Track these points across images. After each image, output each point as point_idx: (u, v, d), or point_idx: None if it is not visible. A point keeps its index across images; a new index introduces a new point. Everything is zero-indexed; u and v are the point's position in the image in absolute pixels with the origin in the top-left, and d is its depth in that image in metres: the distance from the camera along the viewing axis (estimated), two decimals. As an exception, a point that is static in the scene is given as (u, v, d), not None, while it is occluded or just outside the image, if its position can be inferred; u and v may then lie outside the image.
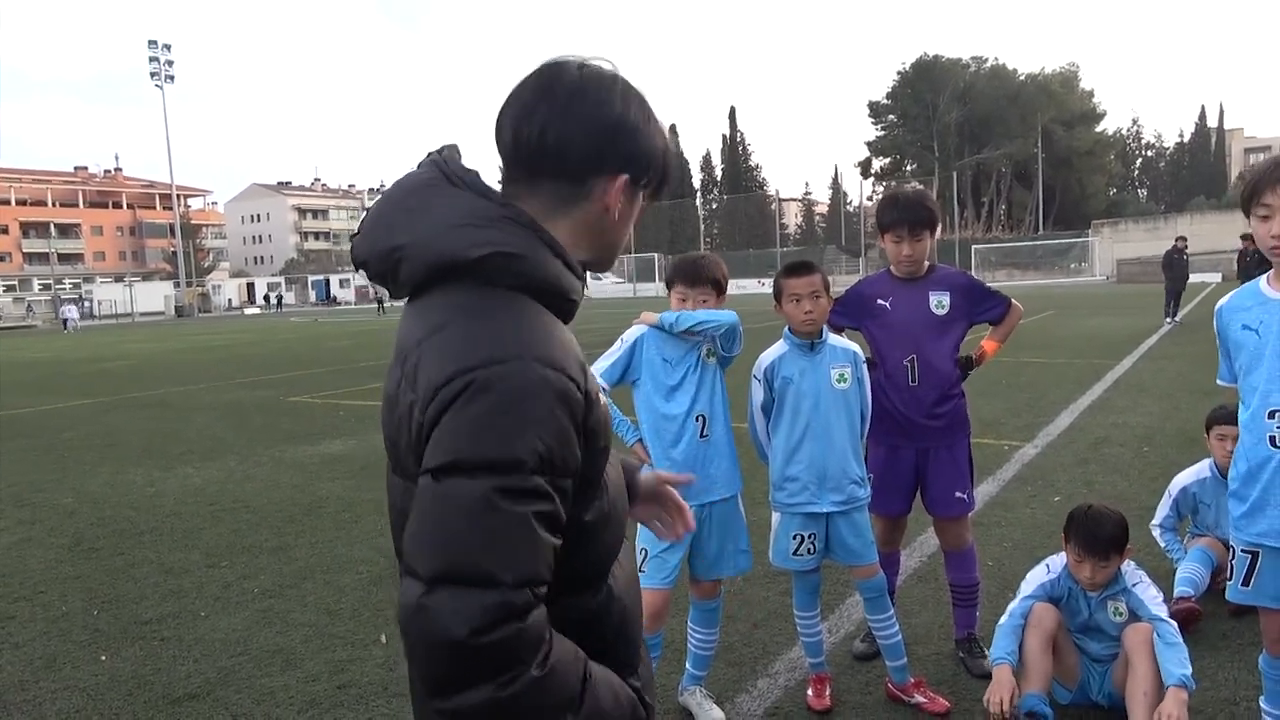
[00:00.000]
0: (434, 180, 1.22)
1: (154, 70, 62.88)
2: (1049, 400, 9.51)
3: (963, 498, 3.53)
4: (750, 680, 3.52)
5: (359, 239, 1.26)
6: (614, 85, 1.25)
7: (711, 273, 3.14)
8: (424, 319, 1.18)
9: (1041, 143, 76.54)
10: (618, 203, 1.26)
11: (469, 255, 1.15)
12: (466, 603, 1.00)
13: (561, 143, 1.20)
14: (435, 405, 1.08)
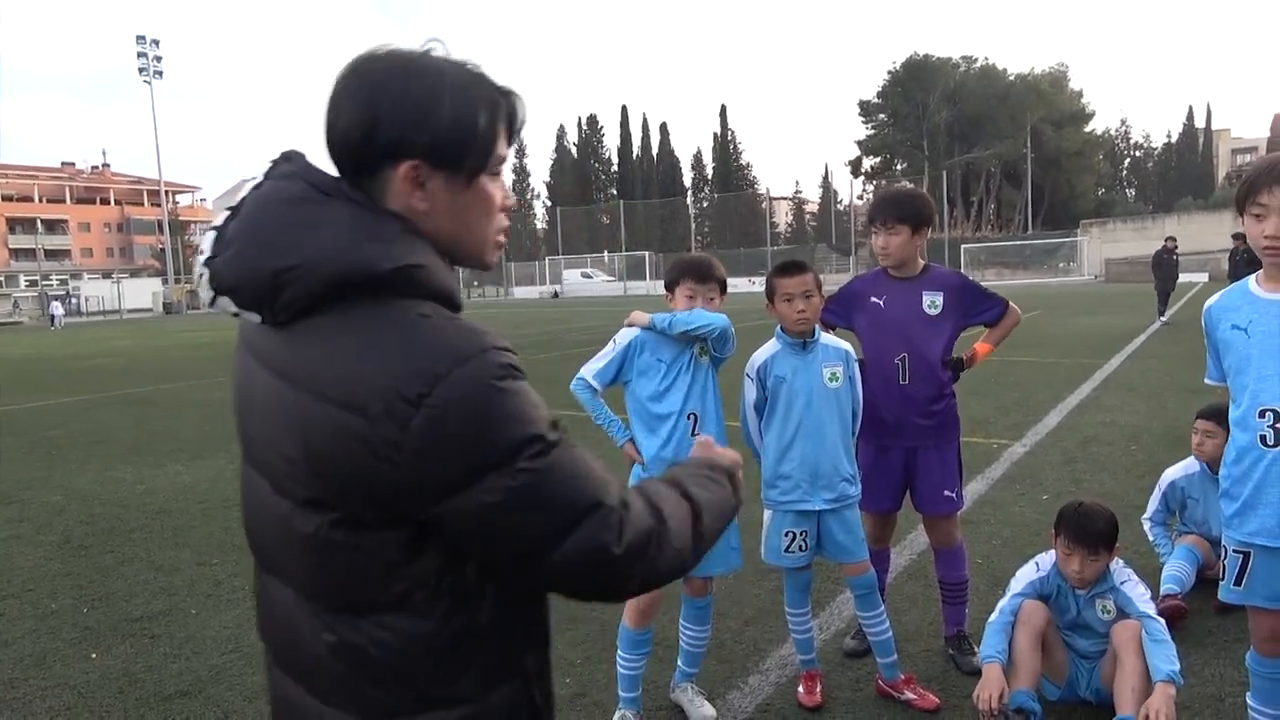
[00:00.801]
0: (304, 194, 1.15)
1: (142, 66, 62.53)
2: (1038, 399, 9.56)
3: (951, 496, 3.55)
4: (741, 677, 3.54)
5: (220, 263, 1.16)
6: (390, 64, 1.15)
7: (719, 272, 3.16)
8: (336, 339, 1.11)
9: (1031, 142, 76.83)
10: (413, 194, 1.16)
11: (380, 269, 1.11)
12: (596, 530, 1.10)
13: (345, 133, 1.15)
14: (423, 418, 1.04)
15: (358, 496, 1.09)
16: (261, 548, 1.25)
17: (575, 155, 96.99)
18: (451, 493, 1.06)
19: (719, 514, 1.30)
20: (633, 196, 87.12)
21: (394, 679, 1.15)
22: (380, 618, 1.14)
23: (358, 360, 1.08)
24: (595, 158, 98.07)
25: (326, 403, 1.08)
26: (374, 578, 1.12)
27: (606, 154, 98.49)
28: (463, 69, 1.18)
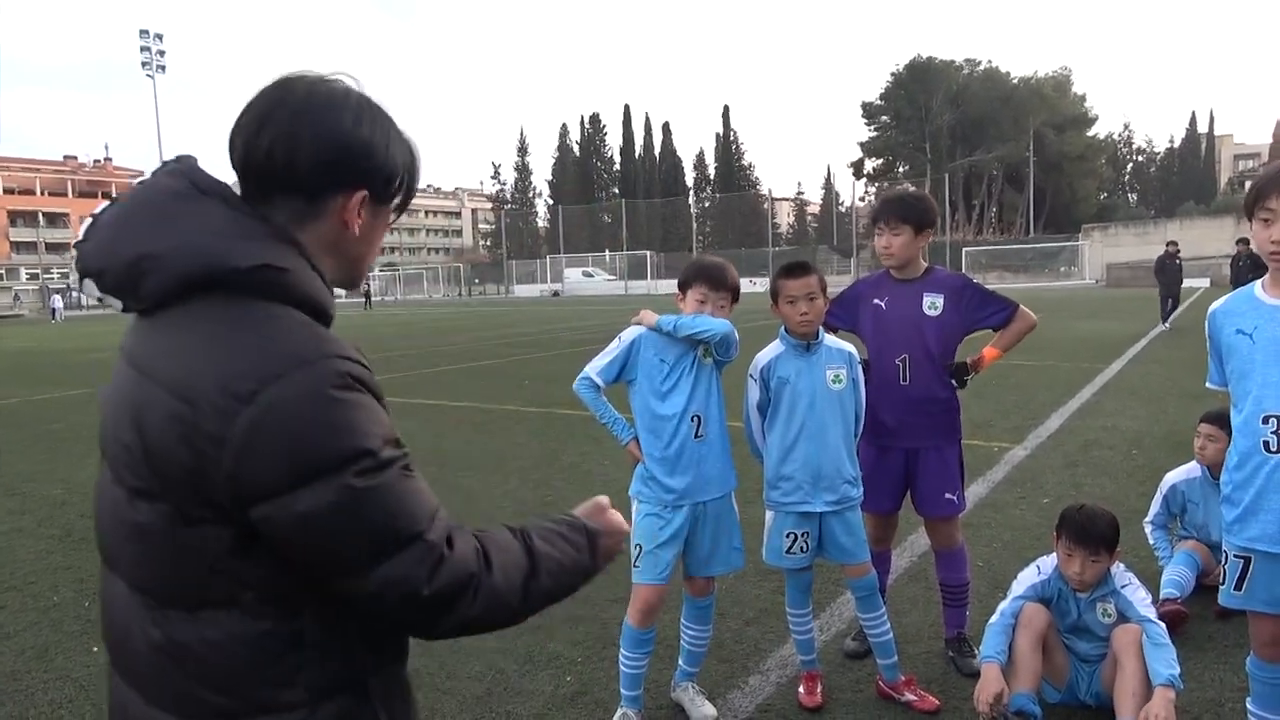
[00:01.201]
0: (183, 190, 1.17)
1: (145, 60, 62.45)
2: (1039, 402, 9.57)
3: (952, 499, 3.56)
4: (742, 677, 3.54)
5: (89, 246, 1.18)
6: (345, 100, 1.22)
7: (733, 280, 3.16)
8: (184, 331, 1.12)
9: (1033, 146, 76.77)
10: (356, 219, 1.23)
11: (237, 265, 1.12)
12: (408, 566, 1.09)
13: (290, 159, 1.18)
14: (248, 417, 1.04)
15: (184, 489, 1.09)
16: (102, 541, 1.25)
17: (577, 154, 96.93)
18: (270, 495, 1.05)
19: (563, 576, 1.27)
20: (635, 196, 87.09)
21: (220, 680, 1.14)
22: (208, 615, 1.13)
23: (197, 352, 1.10)
24: (598, 156, 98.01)
25: (162, 390, 1.10)
26: (201, 574, 1.12)
27: (609, 153, 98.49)
28: (385, 110, 1.28)
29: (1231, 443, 2.61)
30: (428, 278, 78.48)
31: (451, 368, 15.82)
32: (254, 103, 1.21)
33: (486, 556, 1.17)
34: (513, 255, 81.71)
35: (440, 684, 3.55)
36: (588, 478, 6.95)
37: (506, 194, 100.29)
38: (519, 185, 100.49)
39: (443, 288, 76.97)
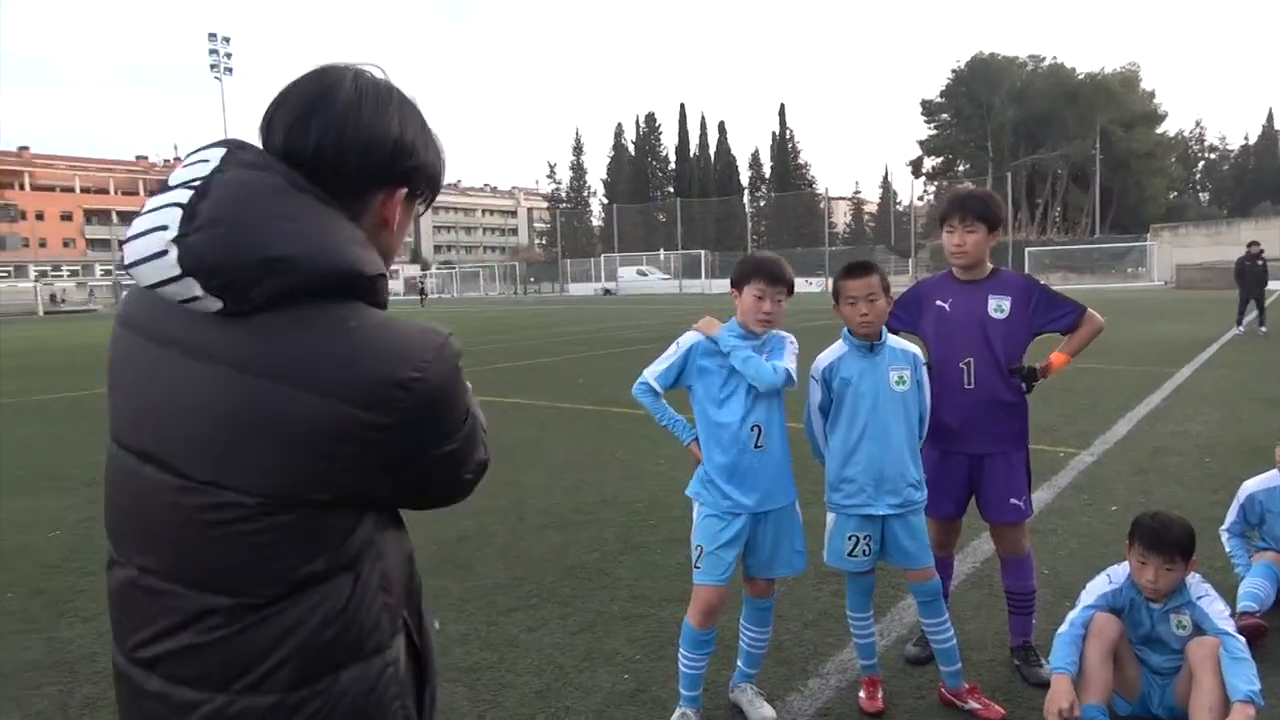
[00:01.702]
0: (283, 186, 1.16)
1: (214, 63, 64.21)
2: (1105, 407, 9.33)
3: (1019, 505, 3.48)
4: (801, 680, 3.52)
5: (197, 241, 1.10)
6: (389, 99, 1.25)
7: (790, 274, 3.11)
8: (302, 330, 1.13)
9: (1100, 144, 74.86)
10: (395, 215, 1.28)
11: (367, 272, 1.18)
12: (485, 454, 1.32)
13: (339, 158, 1.20)
14: (414, 399, 1.14)
15: (316, 482, 1.12)
16: (129, 533, 1.22)
17: (633, 153, 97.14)
18: (415, 460, 1.19)
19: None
20: (689, 195, 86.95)
21: (319, 646, 1.17)
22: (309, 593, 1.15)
23: (343, 352, 1.13)
24: (653, 155, 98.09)
25: (305, 391, 1.10)
26: (302, 561, 1.14)
27: (664, 152, 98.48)
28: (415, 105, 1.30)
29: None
30: (484, 276, 79.39)
31: (507, 365, 15.96)
32: (294, 92, 1.21)
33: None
34: (568, 254, 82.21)
35: (500, 677, 3.59)
36: (643, 475, 6.97)
37: (562, 193, 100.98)
38: (574, 184, 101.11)
39: (498, 286, 77.76)
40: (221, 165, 1.16)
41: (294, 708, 1.17)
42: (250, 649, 1.16)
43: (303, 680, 1.18)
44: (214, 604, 1.16)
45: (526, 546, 5.26)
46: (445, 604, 4.34)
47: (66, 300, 61.47)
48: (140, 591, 1.21)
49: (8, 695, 3.56)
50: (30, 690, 3.61)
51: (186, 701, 1.18)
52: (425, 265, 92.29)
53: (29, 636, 4.14)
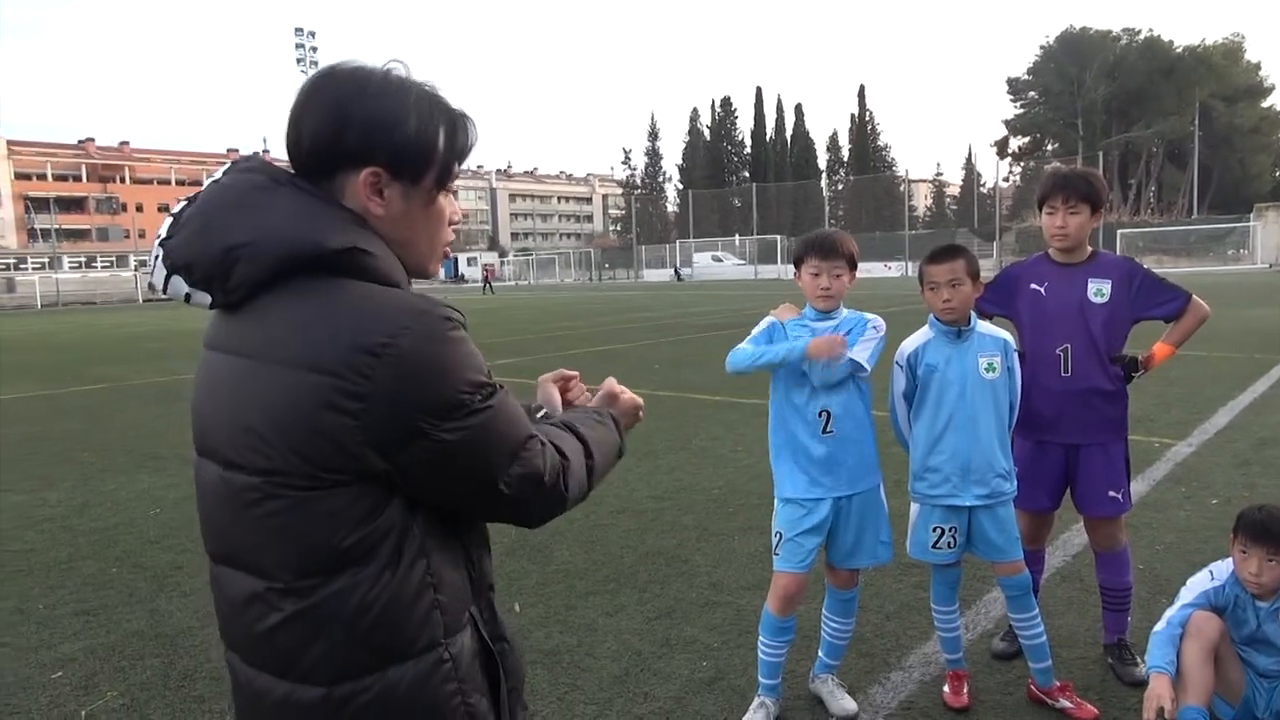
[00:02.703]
0: (262, 183, 1.22)
1: (299, 57, 65.99)
2: (1205, 396, 8.91)
3: (1117, 497, 3.34)
4: (883, 672, 3.45)
5: (176, 242, 1.22)
6: (354, 77, 1.23)
7: (847, 246, 3.02)
8: (290, 312, 1.16)
9: (1199, 120, 71.38)
10: (370, 198, 1.23)
11: (330, 246, 1.16)
12: (531, 461, 1.24)
13: (299, 141, 1.22)
14: (385, 366, 1.11)
15: (324, 456, 1.13)
16: (214, 537, 1.28)
17: (708, 138, 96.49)
18: (417, 436, 1.13)
19: (606, 453, 1.43)
20: (765, 179, 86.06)
21: (366, 636, 1.19)
22: (347, 576, 1.17)
23: (318, 324, 1.14)
24: (728, 140, 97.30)
25: (286, 369, 1.13)
26: (338, 536, 1.16)
27: (740, 136, 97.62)
28: (424, 89, 1.26)
29: None
30: (559, 263, 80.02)
31: (582, 351, 16.07)
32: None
33: (559, 448, 1.30)
34: (642, 240, 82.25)
35: (579, 661, 3.62)
36: (720, 461, 6.93)
37: (637, 179, 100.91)
38: (649, 170, 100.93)
39: (574, 272, 78.31)
40: (221, 175, 1.27)
41: (343, 701, 1.20)
42: (292, 637, 1.20)
43: (345, 673, 1.20)
44: (252, 588, 1.22)
45: (603, 532, 5.28)
46: (525, 587, 4.40)
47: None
48: (213, 578, 1.32)
49: (114, 665, 3.74)
50: (134, 660, 3.78)
51: (259, 689, 1.25)
52: (503, 253, 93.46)
53: (132, 609, 4.34)
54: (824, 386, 2.97)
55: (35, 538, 5.57)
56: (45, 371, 15.61)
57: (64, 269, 72.72)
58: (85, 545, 5.37)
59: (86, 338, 24.80)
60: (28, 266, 73.96)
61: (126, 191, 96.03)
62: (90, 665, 3.74)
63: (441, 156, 1.26)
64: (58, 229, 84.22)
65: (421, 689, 1.21)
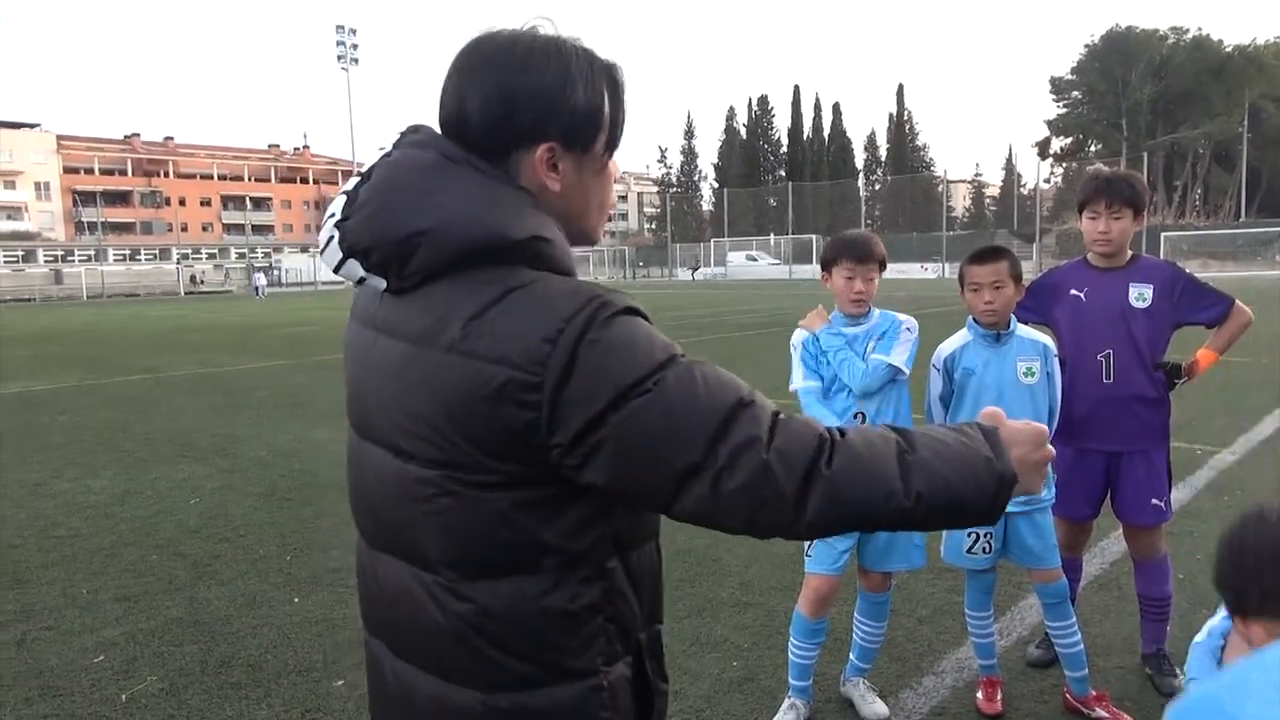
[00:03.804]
0: (436, 162, 1.16)
1: (340, 53, 66.70)
2: (1251, 404, 8.72)
3: (1159, 505, 3.29)
4: (915, 677, 3.43)
5: (352, 225, 1.16)
6: (511, 49, 1.16)
7: (879, 249, 3.02)
8: (467, 300, 1.10)
9: (1248, 121, 69.74)
10: (549, 175, 1.17)
11: (513, 236, 1.11)
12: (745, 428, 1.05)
13: (470, 120, 1.15)
14: (560, 353, 1.04)
15: (498, 451, 1.08)
16: (374, 525, 1.25)
17: (744, 136, 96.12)
18: (596, 425, 1.04)
19: (948, 455, 1.06)
20: (802, 178, 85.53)
21: (525, 647, 1.14)
22: (512, 581, 1.13)
23: (495, 314, 1.08)
24: (765, 139, 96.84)
25: (466, 357, 1.08)
26: (505, 539, 1.11)
27: (776, 135, 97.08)
28: (581, 50, 1.19)
29: None
30: (593, 260, 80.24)
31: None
32: (453, 61, 1.20)
33: (835, 430, 1.08)
34: (677, 238, 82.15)
35: (608, 659, 3.63)
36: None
37: (672, 177, 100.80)
38: (685, 169, 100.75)
39: (607, 270, 78.45)
40: (391, 148, 1.22)
41: (501, 712, 1.16)
42: (450, 637, 1.17)
43: (504, 684, 1.16)
44: (413, 580, 1.19)
45: (635, 529, 5.28)
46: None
47: (205, 281, 65.26)
48: (364, 565, 1.30)
49: (154, 650, 3.82)
50: (173, 647, 3.85)
51: (408, 683, 1.23)
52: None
53: (171, 596, 4.42)
54: (864, 394, 2.95)
55: (80, 524, 5.70)
56: (91, 362, 15.95)
57: (109, 262, 74.26)
58: (127, 533, 5.49)
59: (131, 329, 25.30)
60: (74, 259, 75.58)
61: (170, 186, 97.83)
62: (130, 650, 3.82)
63: (610, 119, 1.21)
64: (104, 222, 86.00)
65: (578, 713, 1.16)
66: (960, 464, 1.06)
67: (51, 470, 7.23)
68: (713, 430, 1.04)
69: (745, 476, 1.03)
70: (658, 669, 1.27)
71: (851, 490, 1.04)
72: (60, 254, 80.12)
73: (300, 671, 3.60)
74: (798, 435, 1.05)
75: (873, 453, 1.05)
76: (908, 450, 1.06)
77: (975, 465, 1.06)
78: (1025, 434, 1.11)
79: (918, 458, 1.06)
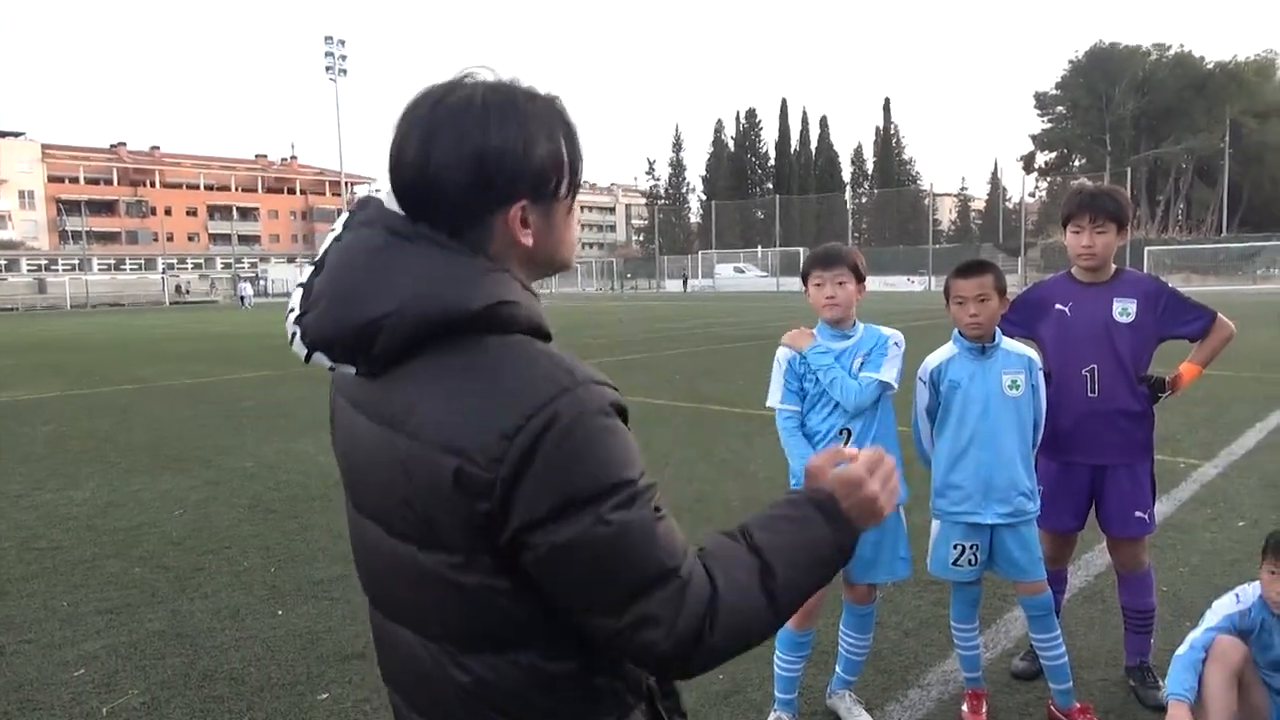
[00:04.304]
0: (386, 242, 1.14)
1: (329, 65, 66.68)
2: (1233, 417, 8.80)
3: (1143, 518, 3.31)
4: (901, 690, 3.43)
5: (311, 320, 1.16)
6: (468, 109, 1.12)
7: (849, 256, 3.05)
8: (431, 382, 1.10)
9: (1230, 137, 70.60)
10: (522, 230, 1.16)
11: (471, 307, 1.09)
12: (658, 605, 1.06)
13: (433, 187, 1.12)
14: (516, 451, 1.02)
15: (463, 540, 1.08)
16: (379, 593, 1.26)
17: (732, 149, 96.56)
18: (535, 526, 1.03)
19: (807, 559, 1.15)
20: (789, 191, 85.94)
21: (529, 715, 1.15)
22: (510, 656, 1.13)
23: (455, 401, 1.07)
24: (753, 152, 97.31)
25: (426, 448, 1.08)
26: (491, 619, 1.12)
27: (764, 148, 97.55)
28: (529, 96, 1.17)
29: None
30: (581, 272, 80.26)
31: (603, 359, 16.08)
32: (400, 121, 1.17)
33: (712, 580, 1.10)
34: (665, 250, 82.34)
35: (594, 671, 3.61)
36: (741, 475, 6.92)
37: (660, 190, 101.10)
38: (673, 181, 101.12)
39: (595, 282, 78.51)
40: (341, 231, 1.20)
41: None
42: (460, 703, 1.17)
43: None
44: (419, 647, 1.20)
45: (622, 541, 5.27)
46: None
47: (190, 291, 64.96)
48: (376, 625, 1.30)
49: (135, 664, 3.78)
50: (154, 660, 3.82)
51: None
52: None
53: (154, 609, 4.38)
54: (856, 412, 2.97)
55: (61, 536, 5.65)
56: (75, 372, 15.83)
57: (93, 271, 73.80)
58: (109, 544, 5.44)
59: (115, 339, 25.15)
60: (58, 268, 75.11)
61: (156, 195, 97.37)
62: (112, 663, 3.79)
63: (570, 166, 1.19)
64: (88, 231, 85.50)
65: None
66: (812, 561, 1.16)
67: (33, 481, 7.17)
68: (633, 589, 1.05)
69: (643, 639, 1.07)
70: (673, 706, 1.28)
71: (731, 646, 1.11)
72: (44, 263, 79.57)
73: (284, 685, 3.57)
74: (695, 607, 1.07)
75: (745, 603, 1.10)
76: (769, 576, 1.12)
77: (821, 553, 1.16)
78: (848, 483, 1.19)
79: (779, 581, 1.12)
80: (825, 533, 1.16)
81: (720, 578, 1.10)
